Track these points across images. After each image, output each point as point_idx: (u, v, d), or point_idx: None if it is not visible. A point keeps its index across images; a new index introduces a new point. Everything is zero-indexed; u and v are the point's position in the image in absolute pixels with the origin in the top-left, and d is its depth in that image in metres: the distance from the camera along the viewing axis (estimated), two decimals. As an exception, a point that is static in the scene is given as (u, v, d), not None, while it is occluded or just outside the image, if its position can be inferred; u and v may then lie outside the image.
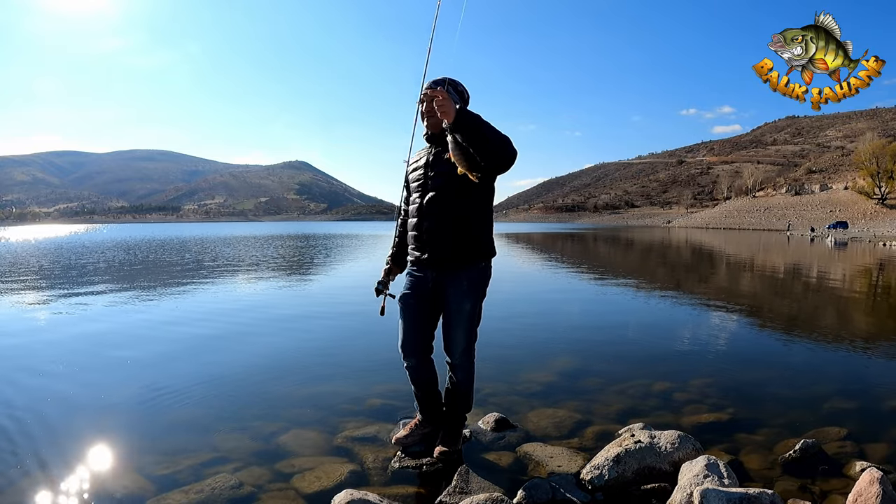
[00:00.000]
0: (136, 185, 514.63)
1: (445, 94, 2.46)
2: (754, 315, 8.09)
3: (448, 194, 2.80)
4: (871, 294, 11.19)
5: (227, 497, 2.55)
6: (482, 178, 2.68)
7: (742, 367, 4.89)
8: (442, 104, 2.44)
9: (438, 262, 2.86)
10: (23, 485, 2.67)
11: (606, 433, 3.23)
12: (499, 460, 2.94)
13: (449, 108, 2.44)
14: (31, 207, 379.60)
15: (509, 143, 2.58)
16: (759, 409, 3.73)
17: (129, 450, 3.06)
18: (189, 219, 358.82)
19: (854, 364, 5.15)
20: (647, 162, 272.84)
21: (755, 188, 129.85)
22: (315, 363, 4.92)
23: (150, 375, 4.53)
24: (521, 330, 6.56)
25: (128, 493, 2.60)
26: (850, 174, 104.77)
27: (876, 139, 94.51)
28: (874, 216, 76.47)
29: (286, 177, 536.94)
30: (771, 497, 2.25)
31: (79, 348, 5.55)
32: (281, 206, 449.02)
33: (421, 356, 2.99)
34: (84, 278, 12.88)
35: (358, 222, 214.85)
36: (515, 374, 4.51)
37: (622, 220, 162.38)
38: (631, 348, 5.72)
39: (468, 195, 2.80)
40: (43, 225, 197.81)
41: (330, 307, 8.56)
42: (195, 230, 78.34)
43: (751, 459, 2.94)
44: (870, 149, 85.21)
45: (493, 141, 2.51)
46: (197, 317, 7.51)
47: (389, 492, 2.58)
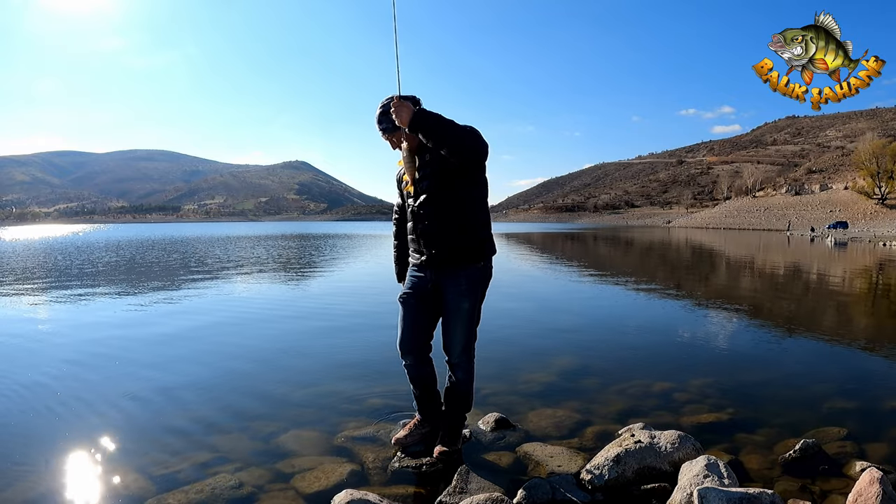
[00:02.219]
0: (136, 185, 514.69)
1: (398, 100, 2.60)
2: (754, 315, 8.09)
3: (438, 195, 2.80)
4: (871, 294, 11.19)
5: (227, 497, 2.55)
6: (463, 166, 2.75)
7: (742, 367, 4.90)
8: (396, 108, 2.58)
9: (436, 263, 2.86)
10: (23, 485, 2.67)
11: (606, 433, 3.23)
12: (499, 460, 2.94)
13: (402, 112, 2.57)
14: (32, 207, 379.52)
15: (473, 135, 2.64)
16: (759, 409, 3.73)
17: (129, 450, 3.06)
18: (189, 219, 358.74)
19: (854, 364, 5.15)
20: (647, 162, 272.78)
21: (755, 188, 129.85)
22: (315, 363, 4.92)
23: (150, 376, 4.53)
24: (521, 330, 6.56)
25: (128, 493, 2.60)
26: (850, 174, 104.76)
27: (876, 139, 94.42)
28: (874, 216, 76.45)
29: (286, 177, 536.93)
30: (771, 497, 2.25)
31: (78, 349, 5.55)
32: (281, 206, 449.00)
33: (419, 355, 3.00)
34: (83, 278, 12.88)
35: (358, 222, 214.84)
36: (515, 374, 4.51)
37: (622, 220, 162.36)
38: (631, 348, 5.72)
39: (458, 191, 2.80)
40: (43, 225, 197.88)
41: (329, 307, 8.55)
42: (195, 230, 78.35)
43: (751, 459, 2.94)
44: (870, 149, 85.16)
45: (452, 136, 2.59)
46: (195, 317, 7.51)
47: (389, 492, 2.58)
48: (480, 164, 2.81)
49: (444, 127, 2.57)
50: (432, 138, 2.58)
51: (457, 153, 2.63)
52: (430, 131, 2.57)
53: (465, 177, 2.80)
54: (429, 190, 2.83)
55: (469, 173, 2.80)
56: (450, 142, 2.59)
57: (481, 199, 2.91)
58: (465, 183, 2.81)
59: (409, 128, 2.58)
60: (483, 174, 2.90)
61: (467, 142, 2.63)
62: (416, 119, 2.55)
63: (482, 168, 2.87)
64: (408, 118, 2.55)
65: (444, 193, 2.80)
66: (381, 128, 2.80)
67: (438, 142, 2.59)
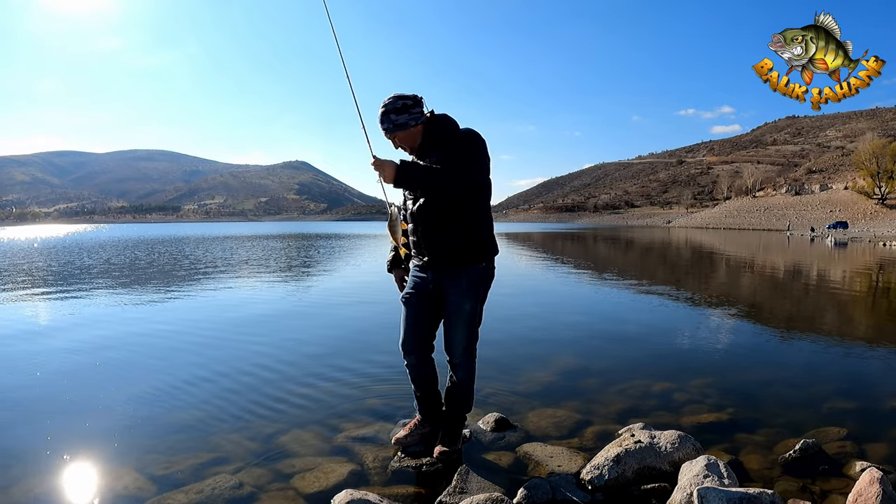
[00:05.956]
0: (136, 185, 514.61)
1: (378, 162, 2.65)
2: (754, 315, 8.09)
3: (437, 199, 2.79)
4: (871, 294, 11.19)
5: (227, 497, 2.55)
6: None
7: (742, 367, 4.90)
8: (377, 168, 2.65)
9: (437, 264, 2.86)
10: (23, 485, 2.67)
11: (606, 433, 3.23)
12: (499, 460, 2.94)
13: (384, 169, 2.64)
14: (32, 207, 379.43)
15: (459, 177, 2.69)
16: (759, 409, 3.73)
17: (129, 450, 3.06)
18: (189, 219, 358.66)
19: (854, 364, 5.15)
20: (647, 162, 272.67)
21: (755, 188, 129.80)
22: (314, 363, 4.92)
23: (150, 376, 4.53)
24: (522, 330, 6.55)
25: (128, 493, 2.60)
26: (850, 174, 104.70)
27: (876, 139, 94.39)
28: (874, 216, 76.43)
29: (286, 177, 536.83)
30: (771, 497, 2.24)
31: (78, 349, 5.54)
32: (281, 206, 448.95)
33: (421, 355, 3.00)
34: (83, 279, 12.88)
35: (358, 222, 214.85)
36: (515, 374, 4.51)
37: (622, 220, 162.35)
38: (631, 348, 5.72)
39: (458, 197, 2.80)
40: (42, 225, 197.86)
41: (329, 307, 8.56)
42: (195, 230, 78.33)
43: (751, 459, 2.94)
44: (870, 149, 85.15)
45: (438, 185, 2.69)
46: (195, 317, 7.52)
47: (389, 492, 2.58)
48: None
49: (428, 178, 2.68)
50: (418, 188, 2.73)
51: (444, 195, 2.75)
52: (414, 185, 2.71)
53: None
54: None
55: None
56: (436, 191, 2.73)
57: (482, 200, 2.90)
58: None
59: (393, 184, 2.67)
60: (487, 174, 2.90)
61: (452, 185, 2.71)
62: (399, 176, 2.64)
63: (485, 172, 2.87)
64: (392, 175, 2.63)
65: (443, 198, 2.79)
66: (383, 128, 2.80)
67: (425, 190, 2.74)
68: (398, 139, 2.82)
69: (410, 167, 2.67)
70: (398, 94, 2.79)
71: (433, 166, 2.69)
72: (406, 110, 2.76)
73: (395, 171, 2.63)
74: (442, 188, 2.71)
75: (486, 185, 2.88)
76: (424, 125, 2.81)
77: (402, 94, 2.80)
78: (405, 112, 2.76)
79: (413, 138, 2.81)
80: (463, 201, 2.80)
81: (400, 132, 2.78)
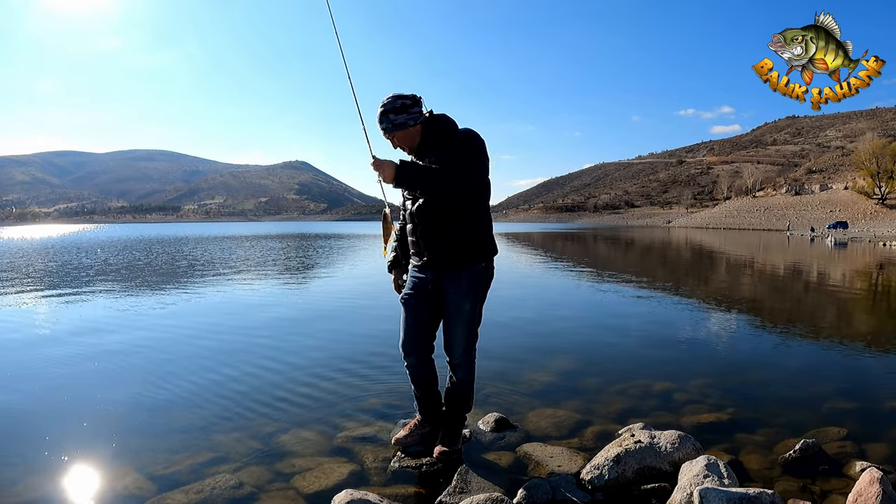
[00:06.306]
0: (136, 185, 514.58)
1: (378, 162, 2.66)
2: (754, 315, 8.09)
3: (436, 199, 2.80)
4: (871, 294, 11.19)
5: (227, 497, 2.55)
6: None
7: (742, 367, 4.90)
8: (377, 168, 2.66)
9: (436, 264, 2.86)
10: (23, 485, 2.67)
11: (606, 433, 3.23)
12: (499, 460, 2.94)
13: (384, 169, 2.65)
14: (32, 207, 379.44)
15: (457, 177, 2.70)
16: (759, 409, 3.73)
17: (129, 449, 3.06)
18: (189, 219, 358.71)
19: (854, 364, 5.15)
20: (647, 162, 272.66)
21: (755, 188, 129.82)
22: (315, 363, 4.92)
23: (149, 376, 4.53)
24: (522, 330, 6.55)
25: (128, 493, 2.60)
26: (850, 174, 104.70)
27: (876, 139, 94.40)
28: (874, 216, 76.43)
29: (286, 177, 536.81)
30: (771, 497, 2.24)
31: (78, 349, 5.54)
32: (281, 206, 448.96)
33: (421, 355, 3.00)
34: (86, 279, 12.88)
35: (358, 222, 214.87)
36: (515, 374, 4.51)
37: (622, 220, 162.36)
38: (631, 348, 5.72)
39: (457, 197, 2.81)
40: (42, 225, 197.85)
41: (329, 307, 8.56)
42: (196, 230, 78.33)
43: (751, 459, 2.94)
44: (870, 149, 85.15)
45: (435, 186, 2.70)
46: (194, 317, 7.52)
47: (389, 492, 2.58)
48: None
49: (427, 178, 2.68)
50: (417, 188, 2.74)
51: (443, 195, 2.76)
52: (413, 185, 2.71)
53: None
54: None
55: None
56: (434, 191, 2.74)
57: (482, 200, 2.91)
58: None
59: (393, 185, 2.69)
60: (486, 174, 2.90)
61: (451, 185, 2.72)
62: (399, 176, 2.65)
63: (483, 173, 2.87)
64: (391, 175, 2.64)
65: (441, 199, 2.80)
66: (382, 127, 2.80)
67: (424, 191, 2.75)
68: (397, 139, 2.82)
69: (409, 167, 2.68)
70: (397, 94, 2.79)
71: (432, 166, 2.70)
72: (405, 110, 2.76)
73: (395, 171, 2.64)
74: (441, 188, 2.71)
75: (485, 185, 2.88)
76: (423, 125, 2.81)
77: (400, 93, 2.80)
78: (404, 112, 2.76)
79: (412, 138, 2.81)
80: (462, 201, 2.80)
81: (399, 132, 2.78)
